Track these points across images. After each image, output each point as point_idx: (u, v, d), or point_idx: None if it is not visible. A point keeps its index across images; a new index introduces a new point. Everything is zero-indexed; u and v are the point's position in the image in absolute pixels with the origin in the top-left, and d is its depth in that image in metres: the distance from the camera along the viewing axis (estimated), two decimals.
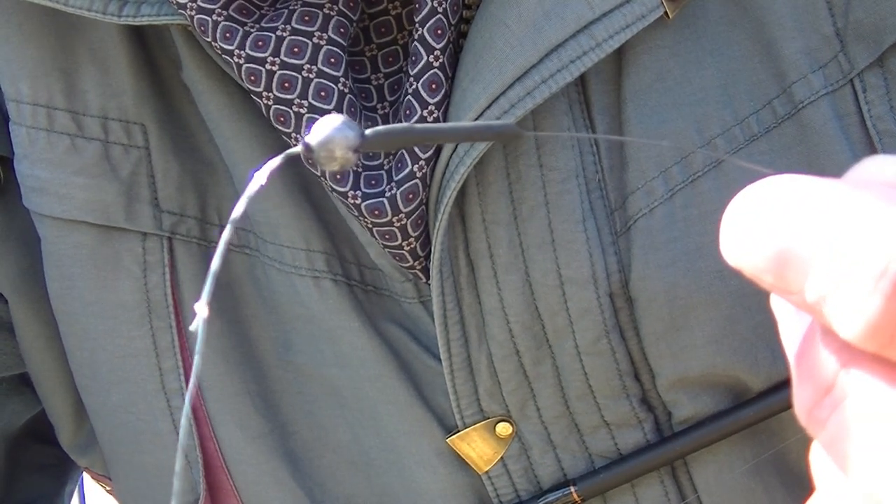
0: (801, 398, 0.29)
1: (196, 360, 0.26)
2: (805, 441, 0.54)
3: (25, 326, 0.62)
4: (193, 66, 0.56)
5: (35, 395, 0.67)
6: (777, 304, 0.31)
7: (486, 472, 0.56)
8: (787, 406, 0.53)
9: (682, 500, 0.56)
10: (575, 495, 0.55)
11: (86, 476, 0.75)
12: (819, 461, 0.31)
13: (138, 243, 0.58)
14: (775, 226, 0.28)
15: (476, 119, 0.50)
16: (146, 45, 0.58)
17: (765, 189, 0.28)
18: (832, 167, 0.52)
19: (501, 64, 0.50)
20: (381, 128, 0.30)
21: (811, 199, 0.27)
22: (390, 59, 0.55)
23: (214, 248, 0.58)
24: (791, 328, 0.31)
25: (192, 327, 0.27)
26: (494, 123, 0.31)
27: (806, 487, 0.56)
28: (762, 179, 0.29)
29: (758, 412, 0.54)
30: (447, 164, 0.51)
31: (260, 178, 0.29)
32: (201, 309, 0.27)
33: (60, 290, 0.59)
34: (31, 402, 0.69)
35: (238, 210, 0.29)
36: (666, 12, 0.51)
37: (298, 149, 0.30)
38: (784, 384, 0.54)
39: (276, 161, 0.30)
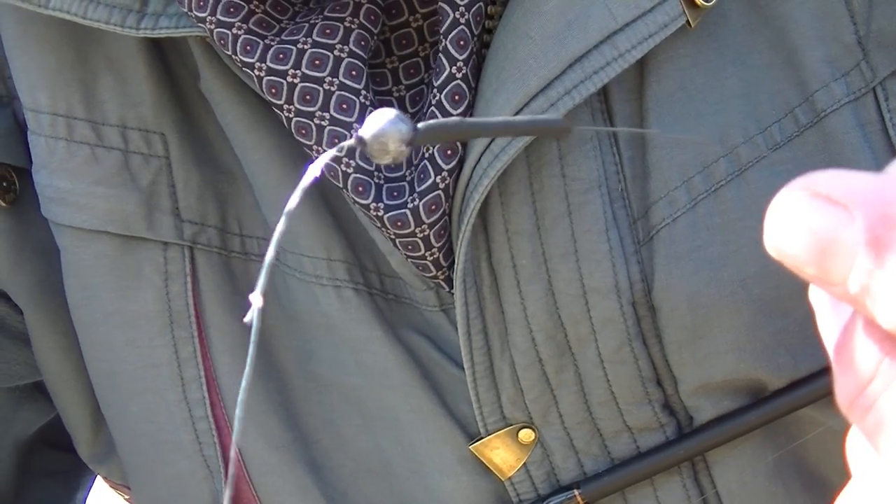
0: (843, 388, 0.30)
1: (249, 357, 0.27)
2: (824, 442, 0.55)
3: (42, 337, 0.62)
4: (211, 77, 0.56)
5: (48, 402, 0.67)
6: (815, 296, 0.33)
7: (509, 478, 0.56)
8: (805, 403, 0.54)
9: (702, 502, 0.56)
10: (579, 498, 0.55)
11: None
12: (857, 450, 0.32)
13: (160, 253, 0.58)
14: (819, 218, 0.29)
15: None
16: (164, 54, 0.58)
17: (809, 182, 0.29)
18: None
19: (525, 75, 0.50)
20: (433, 121, 0.30)
21: (855, 191, 0.28)
22: (411, 71, 0.55)
23: (235, 257, 0.59)
24: (829, 320, 0.32)
25: (246, 319, 0.28)
26: (542, 117, 0.32)
27: (827, 490, 0.56)
28: (807, 174, 0.29)
29: (773, 410, 0.54)
30: (471, 176, 0.51)
31: (313, 172, 0.30)
32: (256, 299, 0.27)
33: (80, 300, 0.59)
34: (44, 409, 0.69)
35: (292, 203, 0.30)
36: (688, 21, 0.51)
37: (352, 141, 0.30)
38: (802, 382, 0.54)
39: (327, 155, 0.31)
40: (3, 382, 0.66)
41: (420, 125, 0.30)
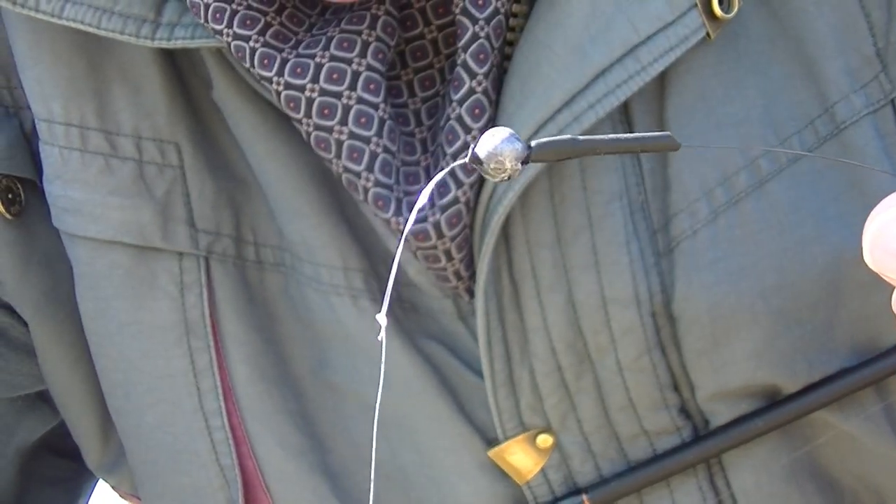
0: None
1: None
2: (837, 445, 0.56)
3: (48, 349, 0.62)
4: (224, 87, 0.56)
5: (51, 410, 0.67)
6: None
7: (527, 482, 0.56)
8: (819, 406, 0.55)
9: None
10: (587, 502, 0.56)
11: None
12: None
13: (175, 263, 0.58)
14: None
15: None
16: (176, 64, 0.57)
17: None
18: (874, 187, 0.53)
19: (548, 89, 0.51)
20: (546, 140, 0.31)
21: None
22: (427, 83, 0.55)
23: (250, 266, 0.58)
24: None
25: (379, 337, 0.29)
26: (651, 135, 0.33)
27: (838, 492, 0.57)
28: None
29: (788, 413, 0.55)
30: (494, 189, 0.52)
31: (426, 192, 0.30)
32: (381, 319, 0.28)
33: (94, 311, 0.59)
34: (46, 417, 0.69)
35: (411, 220, 0.31)
36: (708, 33, 0.52)
37: (466, 160, 0.30)
38: (816, 386, 0.55)
39: (440, 175, 0.33)
40: (6, 393, 0.65)
41: (534, 143, 0.31)
